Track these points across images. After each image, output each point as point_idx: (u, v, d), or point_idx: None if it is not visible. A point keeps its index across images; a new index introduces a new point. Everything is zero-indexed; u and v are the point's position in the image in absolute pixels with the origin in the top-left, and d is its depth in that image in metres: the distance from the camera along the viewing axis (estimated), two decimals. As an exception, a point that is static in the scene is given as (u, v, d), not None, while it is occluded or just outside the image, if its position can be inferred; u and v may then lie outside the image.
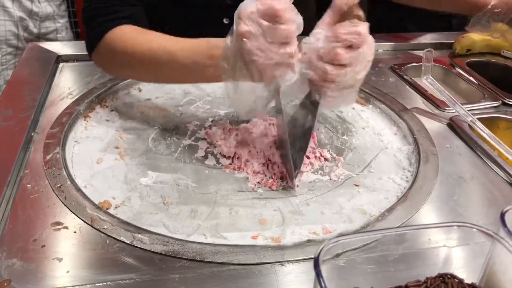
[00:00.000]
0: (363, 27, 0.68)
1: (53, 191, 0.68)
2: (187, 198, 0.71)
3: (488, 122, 0.91)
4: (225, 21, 1.13)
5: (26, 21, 1.61)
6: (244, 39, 0.66)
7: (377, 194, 0.74)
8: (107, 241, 0.60)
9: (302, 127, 0.77)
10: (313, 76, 0.71)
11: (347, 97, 0.75)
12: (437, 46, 1.26)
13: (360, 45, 0.69)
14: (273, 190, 0.73)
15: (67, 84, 0.97)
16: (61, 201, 0.66)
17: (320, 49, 0.69)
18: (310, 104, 0.76)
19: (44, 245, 0.59)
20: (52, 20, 1.70)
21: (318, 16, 1.08)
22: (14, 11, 1.57)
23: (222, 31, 1.16)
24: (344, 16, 0.70)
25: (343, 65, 0.69)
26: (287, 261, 0.59)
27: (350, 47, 0.68)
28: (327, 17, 0.71)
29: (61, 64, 1.07)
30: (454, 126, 0.91)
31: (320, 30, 0.71)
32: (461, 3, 1.22)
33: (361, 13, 0.70)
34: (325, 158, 0.81)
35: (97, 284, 0.54)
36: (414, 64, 1.16)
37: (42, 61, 1.05)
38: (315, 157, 0.81)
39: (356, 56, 0.69)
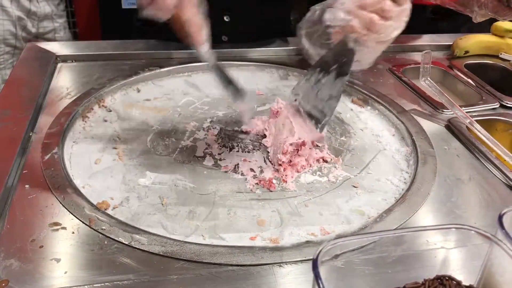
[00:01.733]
0: None
1: (51, 191, 0.68)
2: (185, 199, 0.71)
3: (486, 124, 0.91)
4: (226, 18, 1.13)
5: (25, 21, 1.61)
6: None
7: (375, 195, 0.74)
8: (105, 242, 0.60)
9: (333, 75, 0.77)
10: (356, 23, 0.72)
11: (376, 52, 0.77)
12: (435, 48, 1.27)
13: (404, 3, 0.71)
14: (271, 191, 0.73)
15: (65, 84, 0.97)
16: (59, 201, 0.66)
17: (366, 0, 0.71)
18: (344, 52, 0.76)
19: (42, 246, 0.59)
20: (51, 20, 1.69)
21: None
22: (13, 10, 1.57)
23: (224, 29, 1.17)
24: None
25: (387, 18, 0.71)
26: (286, 262, 0.59)
27: (394, 2, 0.71)
28: None
29: (59, 64, 1.06)
30: (452, 128, 0.91)
31: None
32: None
33: None
34: (323, 160, 0.81)
35: (95, 285, 0.54)
36: (412, 66, 1.17)
37: (40, 61, 1.05)
38: (313, 158, 0.81)
39: (399, 11, 0.71)
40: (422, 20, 1.47)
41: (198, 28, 0.74)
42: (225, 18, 1.14)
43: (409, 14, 0.73)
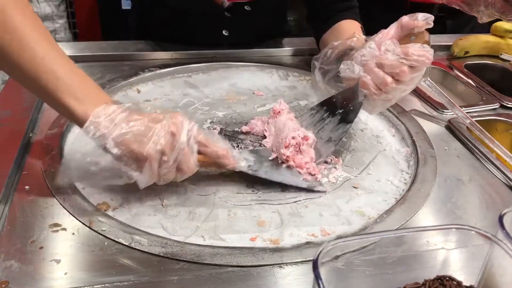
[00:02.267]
0: (432, 53, 0.72)
1: (51, 192, 0.68)
2: (185, 200, 0.70)
3: (486, 125, 0.91)
4: (224, 33, 1.14)
5: (25, 22, 1.61)
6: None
7: (376, 196, 0.74)
8: (105, 243, 0.60)
9: (338, 119, 0.80)
10: (368, 81, 0.75)
11: (384, 107, 0.82)
12: (435, 49, 1.26)
13: (421, 69, 0.73)
14: (271, 192, 0.73)
15: (65, 85, 0.97)
16: (59, 202, 0.66)
17: (386, 60, 0.73)
18: (352, 101, 0.79)
19: (42, 247, 0.59)
20: (51, 21, 1.70)
21: (310, 17, 1.09)
22: (13, 11, 1.57)
23: (226, 23, 1.17)
24: (409, 35, 0.74)
25: (400, 81, 0.73)
26: (286, 263, 0.59)
27: (412, 67, 0.72)
28: (392, 31, 0.75)
29: (59, 65, 1.06)
30: (452, 128, 0.91)
31: (390, 43, 0.73)
32: None
33: (429, 38, 0.74)
34: (324, 160, 0.81)
35: (95, 286, 0.54)
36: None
37: (40, 62, 1.04)
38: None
39: (414, 77, 0.74)
40: None
41: (227, 157, 0.69)
42: (223, 32, 1.14)
43: (421, 77, 0.75)
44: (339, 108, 0.81)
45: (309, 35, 1.34)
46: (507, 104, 1.01)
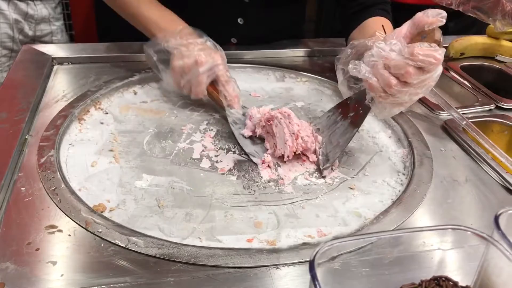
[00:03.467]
0: (441, 53, 0.68)
1: (47, 194, 0.67)
2: (182, 201, 0.70)
3: (482, 126, 0.92)
4: (239, 21, 1.12)
5: (22, 24, 1.61)
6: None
7: (372, 197, 0.75)
8: (102, 244, 0.60)
9: (348, 122, 0.79)
10: (374, 83, 0.71)
11: (393, 111, 0.76)
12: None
13: (431, 70, 0.69)
14: (268, 193, 0.73)
15: (61, 87, 0.97)
16: (55, 204, 0.66)
17: (391, 60, 0.69)
18: (361, 104, 0.78)
19: (38, 249, 0.59)
20: (48, 23, 1.69)
21: (340, 14, 1.08)
22: (10, 13, 1.57)
23: (236, 31, 1.17)
24: (421, 33, 0.70)
25: (408, 83, 0.69)
26: (283, 264, 0.59)
27: (421, 68, 0.68)
28: (405, 28, 0.71)
29: (55, 67, 1.06)
30: (448, 129, 0.91)
31: (396, 42, 0.70)
32: None
33: (441, 37, 0.70)
34: (330, 166, 0.81)
35: (91, 288, 0.54)
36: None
37: (36, 63, 1.04)
38: (310, 160, 0.81)
39: (423, 79, 0.69)
40: None
41: (234, 98, 0.88)
42: (238, 20, 1.13)
43: (437, 79, 0.71)
44: (351, 111, 0.79)
45: (307, 36, 1.35)
46: (503, 105, 1.02)
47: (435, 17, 0.68)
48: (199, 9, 1.10)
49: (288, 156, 0.78)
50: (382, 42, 0.72)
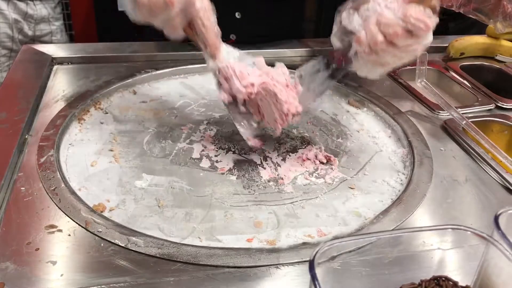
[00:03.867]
0: (433, 20, 0.66)
1: (47, 194, 0.67)
2: (182, 201, 0.70)
3: (482, 125, 0.92)
4: (237, 15, 1.11)
5: (21, 24, 1.61)
6: None
7: (372, 196, 0.75)
8: (102, 244, 0.60)
9: (328, 73, 0.78)
10: (362, 36, 0.70)
11: (374, 71, 0.74)
12: (431, 50, 1.26)
13: (420, 36, 0.67)
14: (268, 193, 0.73)
15: (61, 87, 0.97)
16: (55, 204, 0.66)
17: (383, 18, 0.68)
18: (344, 58, 0.75)
19: (38, 248, 0.59)
20: (47, 23, 1.69)
21: (318, 18, 1.07)
22: (9, 13, 1.57)
23: (234, 26, 1.15)
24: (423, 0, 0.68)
25: (393, 44, 0.68)
26: (282, 264, 0.59)
27: (410, 32, 0.67)
28: None
29: (55, 67, 1.06)
30: (448, 129, 0.91)
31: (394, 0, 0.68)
32: None
33: (438, 5, 0.68)
34: (320, 161, 0.81)
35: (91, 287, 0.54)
36: (408, 67, 1.17)
37: (36, 63, 1.04)
38: (309, 159, 0.81)
39: (410, 43, 0.68)
40: None
41: (213, 42, 0.77)
42: (236, 14, 1.12)
43: (423, 47, 0.70)
44: (334, 63, 0.77)
45: (307, 36, 1.35)
46: (503, 105, 1.02)
47: None
48: None
49: (277, 130, 0.77)
50: None
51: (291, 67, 1.11)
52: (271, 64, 1.12)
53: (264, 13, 1.15)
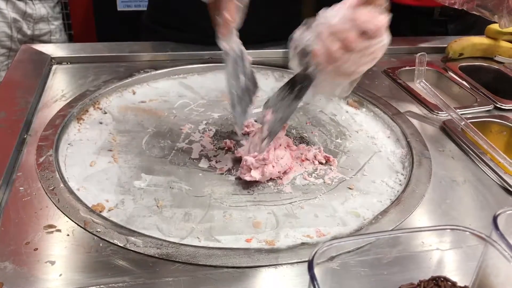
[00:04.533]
0: (383, 18, 0.66)
1: (46, 193, 0.67)
2: (180, 201, 0.70)
3: (481, 126, 0.92)
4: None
5: (20, 23, 1.61)
6: None
7: (371, 197, 0.75)
8: (100, 244, 0.60)
9: (293, 96, 0.75)
10: (316, 49, 0.69)
11: (338, 86, 0.73)
12: (430, 50, 1.27)
13: (374, 37, 0.66)
14: (267, 193, 0.73)
15: (60, 86, 0.97)
16: (54, 203, 0.66)
17: (334, 26, 0.67)
18: (304, 77, 0.74)
19: (37, 248, 0.59)
20: (46, 22, 1.69)
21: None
22: (8, 12, 1.57)
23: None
24: (370, 1, 0.66)
25: (350, 50, 0.66)
26: (281, 264, 0.59)
27: (364, 34, 0.65)
28: None
29: (54, 66, 1.06)
30: (447, 129, 0.92)
31: (341, 6, 0.67)
32: None
33: (385, 3, 0.67)
34: (319, 162, 0.81)
35: (90, 288, 0.54)
36: (407, 68, 1.17)
37: (35, 63, 1.04)
38: (308, 160, 0.81)
39: (366, 46, 0.66)
40: (430, 22, 1.47)
41: (229, 18, 0.73)
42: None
43: (383, 48, 0.68)
44: (298, 85, 0.75)
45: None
46: (501, 105, 1.02)
47: None
48: (192, 6, 1.10)
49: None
50: (328, 10, 0.69)
51: (278, 65, 1.12)
52: (264, 64, 1.12)
53: (262, 17, 1.15)
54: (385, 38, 0.68)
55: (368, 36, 0.66)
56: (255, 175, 0.72)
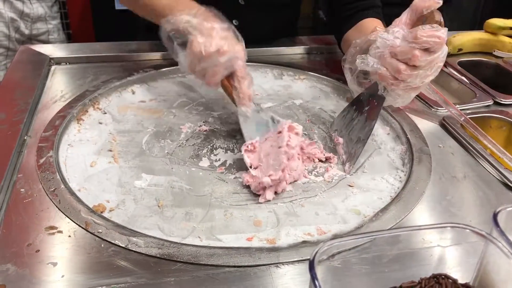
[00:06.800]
0: (444, 32, 0.70)
1: (47, 195, 0.67)
2: (181, 201, 0.70)
3: (480, 122, 0.92)
4: (234, 22, 1.12)
5: (18, 22, 1.60)
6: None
7: (371, 194, 0.75)
8: (102, 245, 0.60)
9: (365, 117, 0.81)
10: (384, 72, 0.74)
11: (409, 96, 0.78)
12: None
13: (437, 50, 0.71)
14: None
15: (59, 87, 0.97)
16: (55, 205, 0.66)
17: (397, 47, 0.72)
18: (375, 96, 0.80)
19: (39, 250, 0.59)
20: (44, 22, 1.69)
21: (330, 16, 1.08)
22: (5, 12, 1.57)
23: (238, 12, 1.15)
24: (421, 18, 0.72)
25: (416, 67, 0.71)
26: (282, 263, 0.59)
27: (427, 50, 0.70)
28: (404, 16, 0.74)
29: (53, 67, 1.06)
30: (446, 125, 0.92)
31: (398, 29, 0.73)
32: None
33: (441, 18, 0.72)
34: (319, 159, 0.81)
35: (92, 289, 0.54)
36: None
37: (34, 64, 1.04)
38: (308, 158, 0.81)
39: (430, 60, 0.71)
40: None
41: (246, 96, 0.83)
42: (233, 22, 1.13)
43: (443, 59, 0.73)
44: (366, 106, 0.81)
45: (302, 33, 1.35)
46: (501, 101, 1.02)
47: (431, 0, 0.71)
48: None
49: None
50: (385, 33, 0.74)
51: (289, 65, 1.12)
52: (263, 62, 1.12)
53: (262, 19, 1.15)
54: (445, 49, 0.72)
55: (432, 50, 0.70)
56: (269, 197, 0.72)
